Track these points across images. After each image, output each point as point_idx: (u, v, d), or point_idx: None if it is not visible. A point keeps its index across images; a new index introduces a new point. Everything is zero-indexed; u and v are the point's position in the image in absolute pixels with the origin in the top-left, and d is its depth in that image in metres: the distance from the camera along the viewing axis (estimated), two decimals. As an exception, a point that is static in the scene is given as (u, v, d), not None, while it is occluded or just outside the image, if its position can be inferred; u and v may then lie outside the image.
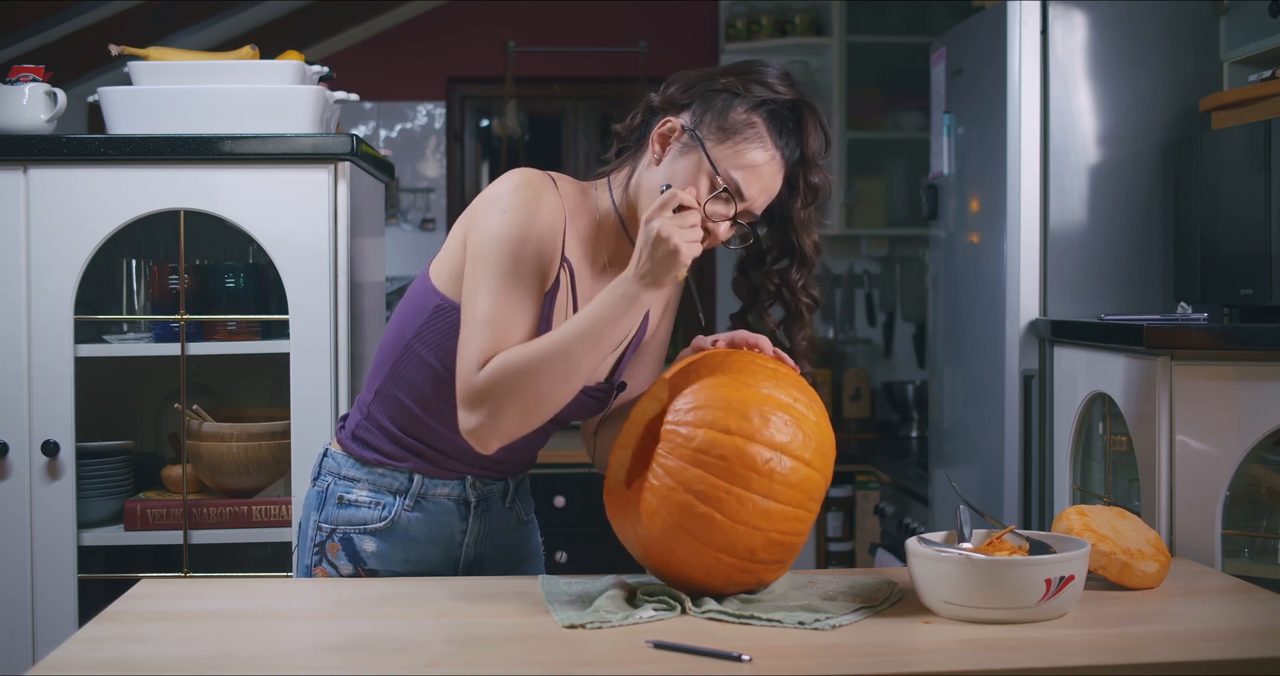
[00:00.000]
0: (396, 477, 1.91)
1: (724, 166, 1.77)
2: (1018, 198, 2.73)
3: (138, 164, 2.36)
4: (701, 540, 1.63)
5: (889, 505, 3.96)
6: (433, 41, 5.07)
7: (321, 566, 1.93)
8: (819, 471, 1.67)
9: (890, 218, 4.76)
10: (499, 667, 1.48)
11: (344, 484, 1.92)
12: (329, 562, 1.92)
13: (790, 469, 1.63)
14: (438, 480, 1.92)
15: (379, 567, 1.91)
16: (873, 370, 4.89)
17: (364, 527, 1.91)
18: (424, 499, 1.92)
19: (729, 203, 1.77)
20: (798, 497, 1.64)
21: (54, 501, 2.34)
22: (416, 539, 1.92)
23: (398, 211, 5.13)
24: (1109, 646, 1.55)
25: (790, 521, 1.65)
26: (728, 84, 1.80)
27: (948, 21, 4.19)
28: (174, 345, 2.41)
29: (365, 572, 1.91)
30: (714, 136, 1.78)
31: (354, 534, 1.91)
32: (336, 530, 1.92)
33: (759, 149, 1.78)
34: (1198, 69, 2.74)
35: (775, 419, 1.65)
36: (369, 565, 1.91)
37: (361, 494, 1.91)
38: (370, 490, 1.91)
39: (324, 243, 2.36)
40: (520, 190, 1.78)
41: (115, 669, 1.46)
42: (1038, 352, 2.71)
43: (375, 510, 1.91)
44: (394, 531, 1.91)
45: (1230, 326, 2.21)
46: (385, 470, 1.91)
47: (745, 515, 1.62)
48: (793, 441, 1.65)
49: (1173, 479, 2.15)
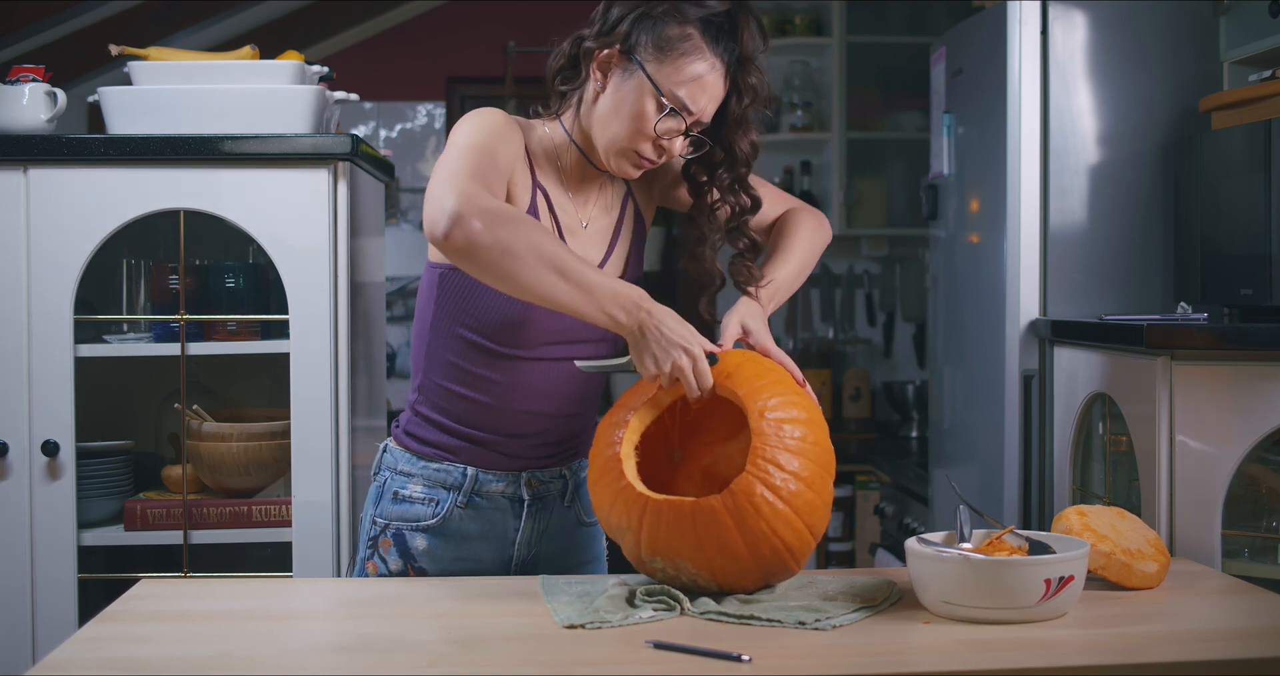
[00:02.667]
0: (451, 472, 1.93)
1: (667, 86, 1.81)
2: (1018, 198, 2.73)
3: (138, 164, 2.36)
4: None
5: (889, 505, 3.96)
6: (433, 41, 5.07)
7: (373, 560, 1.94)
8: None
9: (890, 218, 4.76)
10: (499, 667, 1.48)
11: (400, 479, 1.94)
12: (380, 557, 1.94)
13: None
14: (492, 475, 1.93)
15: (428, 566, 1.93)
16: (873, 370, 4.89)
17: (416, 524, 1.92)
18: (477, 495, 1.93)
19: (678, 118, 1.81)
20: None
21: (54, 501, 2.34)
22: (469, 536, 1.94)
23: (398, 211, 5.14)
24: (1109, 646, 1.55)
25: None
26: (659, 6, 1.83)
27: (948, 21, 4.19)
28: (174, 345, 2.41)
29: (414, 570, 1.92)
30: (652, 57, 1.81)
31: (406, 530, 1.93)
32: (390, 525, 1.93)
33: (699, 60, 1.81)
34: (1198, 69, 2.74)
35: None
36: (418, 563, 1.92)
37: (416, 489, 1.93)
38: (425, 485, 1.93)
39: (324, 243, 2.36)
40: (478, 115, 1.82)
41: (115, 669, 1.46)
42: (1038, 353, 2.71)
43: (428, 506, 1.92)
44: (446, 528, 1.92)
45: (1230, 326, 2.21)
46: (440, 464, 1.93)
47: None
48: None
49: (1173, 479, 2.15)
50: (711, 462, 1.91)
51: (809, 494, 1.68)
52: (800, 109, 4.77)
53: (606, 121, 1.85)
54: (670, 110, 1.81)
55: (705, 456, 1.91)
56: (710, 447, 1.91)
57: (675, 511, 1.67)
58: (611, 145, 1.85)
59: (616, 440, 1.76)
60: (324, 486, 2.35)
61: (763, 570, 1.70)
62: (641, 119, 1.82)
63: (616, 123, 1.84)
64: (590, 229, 1.95)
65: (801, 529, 1.68)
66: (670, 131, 1.83)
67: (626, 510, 1.71)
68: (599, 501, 1.76)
